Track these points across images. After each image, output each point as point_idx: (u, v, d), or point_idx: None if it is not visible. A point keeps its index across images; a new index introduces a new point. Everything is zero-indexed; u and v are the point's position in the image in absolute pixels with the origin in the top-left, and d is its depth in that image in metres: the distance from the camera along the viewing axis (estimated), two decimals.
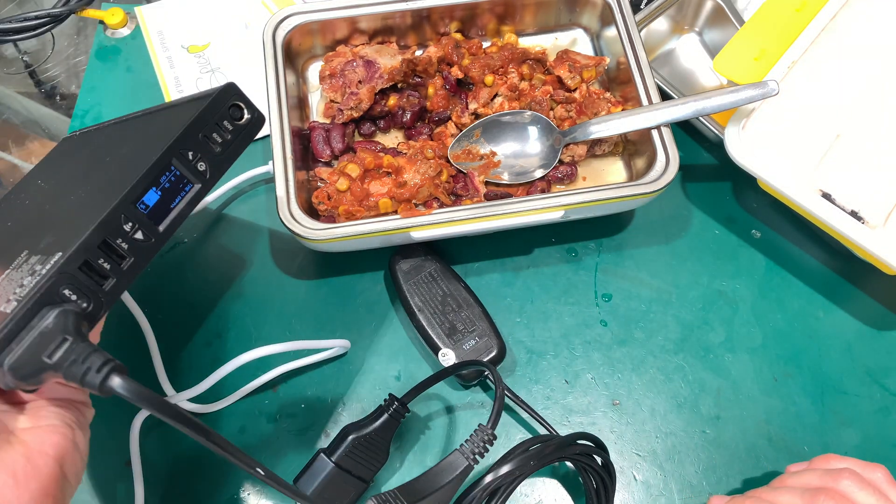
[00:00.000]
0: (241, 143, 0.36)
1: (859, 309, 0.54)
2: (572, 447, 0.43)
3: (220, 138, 0.35)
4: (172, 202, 0.33)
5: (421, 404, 0.50)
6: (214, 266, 0.54)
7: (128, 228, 0.31)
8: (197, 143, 0.34)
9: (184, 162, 0.33)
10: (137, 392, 0.28)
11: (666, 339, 0.53)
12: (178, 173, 0.33)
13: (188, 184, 0.34)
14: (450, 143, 0.54)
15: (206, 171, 0.34)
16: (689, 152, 0.60)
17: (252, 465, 0.30)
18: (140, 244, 0.32)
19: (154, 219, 0.32)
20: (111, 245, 0.31)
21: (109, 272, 0.31)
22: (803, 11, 0.54)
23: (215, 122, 0.35)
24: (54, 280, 0.29)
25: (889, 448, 0.50)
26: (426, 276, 0.51)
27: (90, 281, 0.30)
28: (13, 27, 0.61)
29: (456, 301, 0.50)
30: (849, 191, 0.49)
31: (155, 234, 0.32)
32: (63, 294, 0.29)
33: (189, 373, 0.50)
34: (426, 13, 0.56)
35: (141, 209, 0.32)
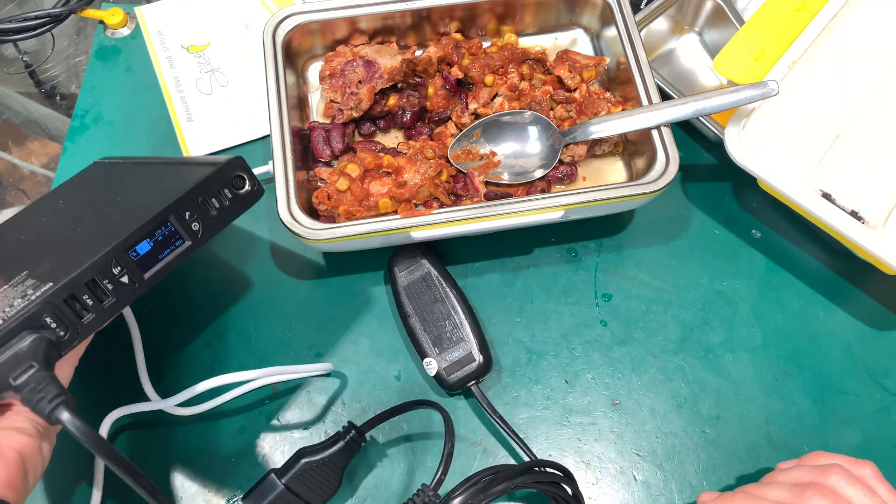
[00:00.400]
0: (236, 210, 0.39)
1: (859, 309, 0.54)
2: (528, 476, 0.42)
3: (217, 203, 0.38)
4: (161, 254, 0.36)
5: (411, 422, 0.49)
6: (215, 266, 0.54)
7: (116, 272, 0.34)
8: (195, 206, 0.37)
9: (180, 220, 0.36)
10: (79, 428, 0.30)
11: (666, 339, 0.53)
12: (172, 229, 0.36)
13: (179, 239, 0.36)
14: (450, 143, 0.54)
15: (198, 230, 0.37)
16: (689, 152, 0.60)
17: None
18: (124, 287, 0.34)
19: (142, 266, 0.35)
20: (98, 284, 0.34)
21: (91, 308, 0.33)
22: (803, 11, 0.54)
23: (217, 189, 0.38)
24: (39, 308, 0.32)
25: (889, 448, 0.50)
26: (420, 279, 0.51)
27: (72, 313, 0.33)
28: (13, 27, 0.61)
29: (447, 308, 0.50)
30: (849, 191, 0.49)
31: (139, 280, 0.35)
32: (44, 321, 0.32)
33: (189, 373, 0.50)
34: (426, 13, 0.56)
35: (132, 256, 0.35)
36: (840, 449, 0.49)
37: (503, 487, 0.41)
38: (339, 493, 0.45)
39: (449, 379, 0.48)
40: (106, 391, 0.49)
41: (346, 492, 0.47)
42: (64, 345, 0.33)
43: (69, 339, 0.33)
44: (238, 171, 0.39)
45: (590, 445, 0.49)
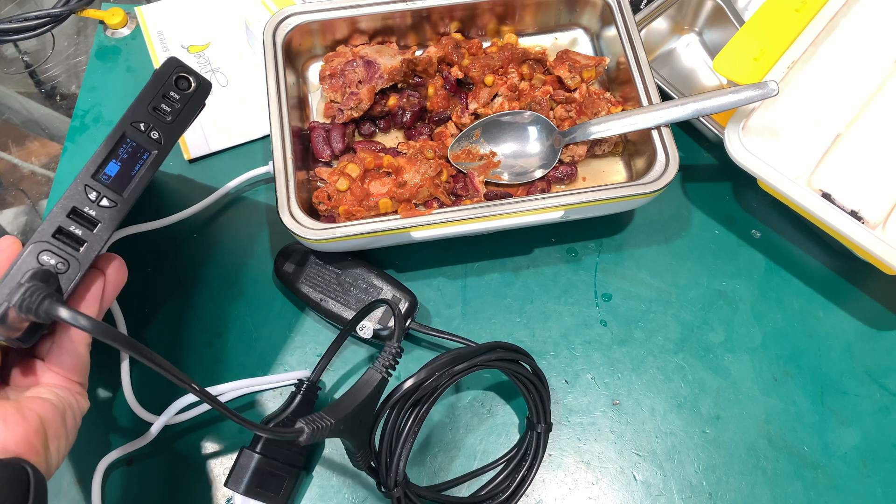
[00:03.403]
0: (191, 109, 0.40)
1: (859, 309, 0.54)
2: (487, 355, 0.45)
3: (168, 108, 0.39)
4: (133, 170, 0.37)
5: (343, 377, 0.51)
6: (215, 266, 0.54)
7: (93, 197, 0.36)
8: (147, 115, 0.38)
9: (137, 133, 0.38)
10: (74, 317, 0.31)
11: (666, 339, 0.53)
12: (133, 144, 0.38)
13: (145, 152, 0.38)
14: (450, 143, 0.54)
15: (159, 138, 0.38)
16: (689, 152, 0.60)
17: (187, 382, 0.33)
18: (107, 209, 0.36)
19: (118, 186, 0.37)
20: (80, 212, 0.36)
21: (82, 237, 0.35)
22: (803, 11, 0.54)
23: (162, 95, 0.39)
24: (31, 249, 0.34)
25: (889, 448, 0.50)
26: (313, 265, 0.51)
27: (65, 246, 0.35)
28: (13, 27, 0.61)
29: (351, 277, 0.51)
30: (849, 191, 0.49)
31: (119, 200, 0.37)
32: (41, 260, 0.34)
33: (189, 373, 0.50)
34: (426, 13, 0.56)
35: (104, 179, 0.36)
36: (840, 449, 0.50)
37: (465, 366, 0.44)
38: (321, 447, 0.47)
39: (386, 331, 0.49)
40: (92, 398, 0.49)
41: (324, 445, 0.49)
42: (68, 277, 0.35)
43: (72, 271, 0.35)
44: (177, 71, 0.40)
45: (590, 445, 0.49)
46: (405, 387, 0.42)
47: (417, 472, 0.48)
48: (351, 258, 0.51)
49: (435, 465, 0.48)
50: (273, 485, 0.45)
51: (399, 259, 0.55)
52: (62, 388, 0.37)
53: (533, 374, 0.47)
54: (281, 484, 0.45)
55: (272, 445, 0.45)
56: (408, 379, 0.42)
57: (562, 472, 0.49)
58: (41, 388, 0.36)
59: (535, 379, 0.47)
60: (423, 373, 0.43)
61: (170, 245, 0.54)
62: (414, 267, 0.55)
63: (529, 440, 0.47)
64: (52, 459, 0.35)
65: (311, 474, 0.48)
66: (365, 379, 0.42)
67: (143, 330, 0.51)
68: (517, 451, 0.48)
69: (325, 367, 0.48)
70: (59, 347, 0.36)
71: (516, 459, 0.47)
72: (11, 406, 0.33)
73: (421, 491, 0.44)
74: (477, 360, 0.44)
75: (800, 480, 0.49)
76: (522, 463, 0.47)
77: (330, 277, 0.51)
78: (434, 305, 0.53)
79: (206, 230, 0.55)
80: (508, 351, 0.46)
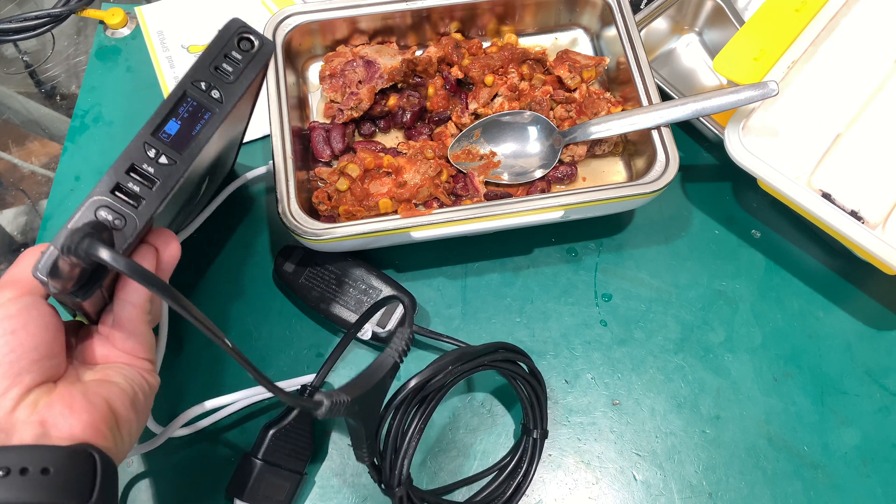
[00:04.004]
0: (252, 69, 0.40)
1: (859, 309, 0.54)
2: (493, 355, 0.44)
3: (230, 67, 0.39)
4: (194, 129, 0.37)
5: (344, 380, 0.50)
6: (215, 266, 0.54)
7: (152, 155, 0.36)
8: (209, 75, 0.38)
9: (198, 93, 0.38)
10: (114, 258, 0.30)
11: (666, 339, 0.53)
12: (194, 103, 0.37)
13: (206, 111, 0.38)
14: (450, 143, 0.54)
15: (220, 98, 0.38)
16: (689, 152, 0.60)
17: (220, 337, 0.32)
18: (165, 167, 0.36)
19: (177, 145, 0.37)
20: (138, 170, 0.35)
21: (140, 194, 0.35)
22: (803, 11, 0.54)
23: (224, 55, 0.39)
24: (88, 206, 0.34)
25: (889, 448, 0.50)
26: (312, 265, 0.51)
27: (123, 202, 0.35)
28: (13, 27, 0.61)
29: (350, 278, 0.51)
30: (849, 191, 0.49)
31: (179, 158, 0.36)
32: (98, 215, 0.34)
33: (189, 372, 0.50)
34: (426, 13, 0.56)
35: (163, 137, 0.36)
36: (840, 449, 0.50)
37: (471, 365, 0.44)
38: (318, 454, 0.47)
39: (385, 331, 0.49)
40: None
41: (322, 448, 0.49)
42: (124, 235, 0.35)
43: (128, 228, 0.35)
44: (240, 32, 0.40)
45: (590, 445, 0.49)
46: (411, 385, 0.42)
47: (416, 472, 0.48)
48: (350, 259, 0.51)
49: (435, 465, 0.48)
50: (275, 491, 0.45)
51: (399, 259, 0.55)
52: (130, 366, 0.36)
53: (530, 373, 0.47)
54: (283, 490, 0.45)
55: (275, 452, 0.45)
56: (413, 377, 0.42)
57: (562, 472, 0.49)
58: (110, 368, 0.36)
59: (533, 380, 0.47)
60: (429, 371, 0.42)
61: None
62: (414, 267, 0.55)
63: (525, 447, 0.47)
64: (123, 444, 0.35)
65: (314, 479, 0.48)
66: (379, 362, 0.42)
67: None
68: (511, 458, 0.47)
69: (328, 371, 0.48)
70: (119, 324, 0.36)
71: (511, 466, 0.47)
72: (78, 392, 0.33)
73: (423, 494, 0.44)
74: (483, 359, 0.44)
75: (800, 480, 0.49)
76: (518, 469, 0.47)
77: (329, 278, 0.51)
78: (434, 305, 0.53)
79: (205, 230, 0.55)
80: (510, 352, 0.46)
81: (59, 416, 0.32)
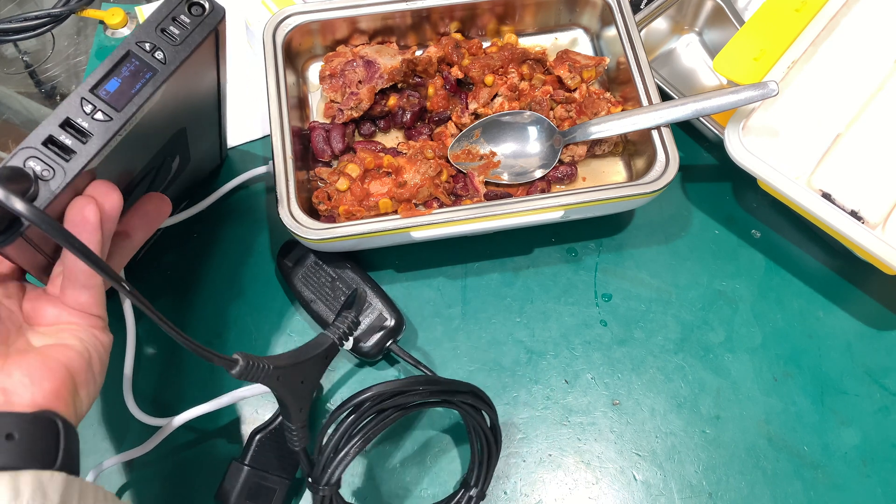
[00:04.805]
0: (199, 33, 0.40)
1: (859, 309, 0.54)
2: (463, 395, 0.43)
3: (177, 30, 0.39)
4: (133, 88, 0.37)
5: (328, 387, 0.50)
6: (215, 266, 0.54)
7: (88, 110, 0.36)
8: (155, 36, 0.38)
9: (142, 52, 0.38)
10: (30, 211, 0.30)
11: (666, 339, 0.53)
12: (137, 63, 0.38)
13: (148, 71, 0.38)
14: (450, 143, 0.54)
15: (164, 59, 0.38)
16: (689, 152, 0.60)
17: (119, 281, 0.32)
18: (101, 123, 0.36)
19: (115, 102, 0.37)
20: (72, 124, 0.36)
21: (72, 147, 0.35)
22: (803, 11, 0.54)
23: (172, 17, 0.39)
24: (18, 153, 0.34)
25: (889, 448, 0.50)
26: (312, 264, 0.51)
27: (54, 155, 0.35)
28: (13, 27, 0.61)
29: (345, 283, 0.50)
30: (849, 191, 0.49)
31: (115, 115, 0.37)
32: (27, 165, 0.34)
33: (189, 372, 0.50)
34: (426, 13, 0.56)
35: (102, 94, 0.37)
36: (840, 449, 0.50)
37: (440, 398, 0.43)
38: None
39: (366, 345, 0.49)
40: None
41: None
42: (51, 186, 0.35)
43: (56, 180, 0.35)
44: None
45: (590, 445, 0.49)
46: (374, 391, 0.41)
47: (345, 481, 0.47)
48: (350, 266, 0.51)
49: (365, 484, 0.47)
50: (263, 497, 0.45)
51: (399, 259, 0.55)
52: (82, 326, 0.36)
53: (491, 428, 0.45)
54: (271, 496, 0.45)
55: (262, 458, 0.45)
56: (379, 384, 0.41)
57: (562, 472, 0.49)
58: (63, 331, 0.36)
59: (491, 436, 0.45)
60: (398, 384, 0.42)
61: (170, 245, 0.54)
62: (414, 267, 0.55)
63: (458, 501, 0.46)
64: (82, 406, 0.35)
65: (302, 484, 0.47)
66: (316, 341, 0.41)
67: (143, 329, 0.51)
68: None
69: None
70: (70, 277, 0.36)
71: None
72: (37, 360, 0.33)
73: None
74: (454, 397, 0.43)
75: (800, 480, 0.49)
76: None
77: (325, 280, 0.51)
78: (434, 305, 0.53)
79: (205, 230, 0.55)
80: (479, 399, 0.45)
81: (20, 384, 0.32)
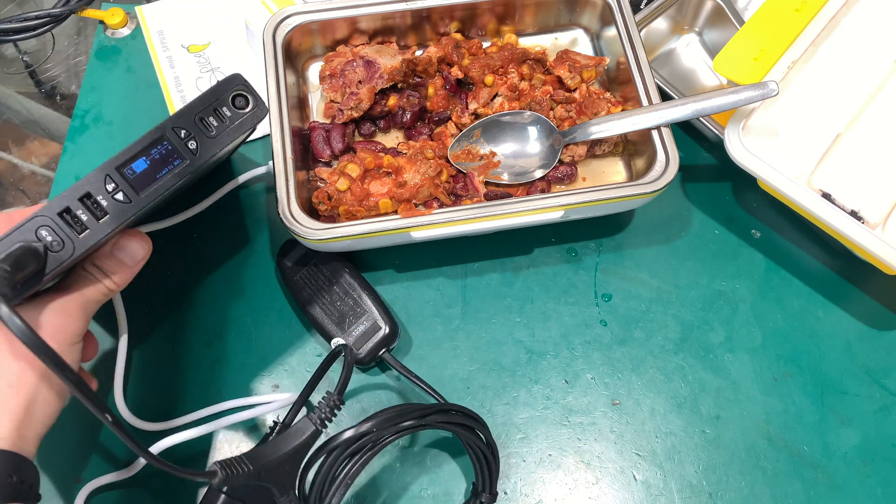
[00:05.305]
0: (237, 130, 0.39)
1: (859, 309, 0.54)
2: (439, 415, 0.43)
3: (216, 122, 0.38)
4: (159, 173, 0.37)
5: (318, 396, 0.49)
6: (215, 265, 0.54)
7: (110, 188, 0.36)
8: (192, 124, 0.38)
9: (176, 138, 0.37)
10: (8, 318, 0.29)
11: (666, 339, 0.53)
12: (168, 147, 0.37)
13: (177, 158, 0.37)
14: (450, 143, 0.54)
15: (196, 149, 0.38)
16: (689, 152, 0.60)
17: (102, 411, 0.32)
18: (120, 204, 0.36)
19: (138, 185, 0.36)
20: (93, 198, 0.35)
21: (86, 224, 0.35)
22: (803, 11, 0.54)
23: (213, 108, 0.38)
24: (32, 220, 0.34)
25: (889, 448, 0.50)
26: (311, 266, 0.51)
27: (67, 227, 0.35)
28: (13, 27, 0.61)
29: (342, 288, 0.50)
30: (849, 191, 0.49)
31: (134, 198, 0.36)
32: (39, 234, 0.34)
33: (189, 372, 0.50)
34: (426, 13, 0.56)
35: (128, 174, 0.36)
36: (840, 449, 0.50)
37: (411, 424, 0.42)
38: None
39: (360, 352, 0.49)
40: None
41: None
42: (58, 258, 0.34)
43: (64, 253, 0.34)
44: (237, 88, 0.39)
45: (590, 445, 0.49)
46: (344, 437, 0.40)
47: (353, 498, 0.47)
48: (349, 270, 0.51)
49: (366, 486, 0.47)
50: None
51: (399, 259, 0.55)
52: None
53: (486, 444, 0.45)
54: None
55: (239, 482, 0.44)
56: (349, 429, 0.41)
57: (562, 472, 0.49)
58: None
59: (488, 451, 0.45)
60: (366, 425, 0.41)
61: (170, 245, 0.54)
62: (414, 267, 0.55)
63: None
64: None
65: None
66: (297, 427, 0.41)
67: (143, 330, 0.51)
68: None
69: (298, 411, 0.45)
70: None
71: None
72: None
73: None
74: (425, 420, 0.43)
75: (800, 480, 0.49)
76: None
77: (323, 282, 0.51)
78: (434, 305, 0.53)
79: (205, 230, 0.55)
80: (465, 416, 0.45)
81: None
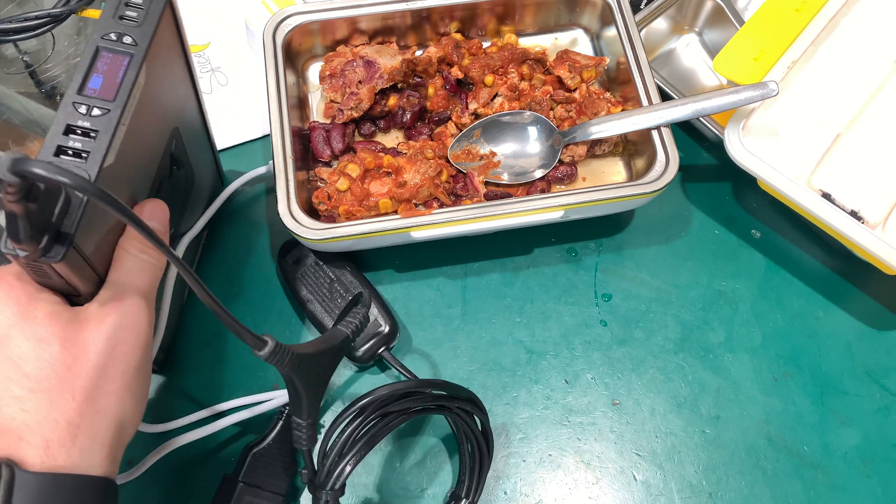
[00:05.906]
0: (155, 7, 0.40)
1: (859, 309, 0.54)
2: (465, 403, 0.43)
3: (134, 13, 0.40)
4: (118, 77, 0.38)
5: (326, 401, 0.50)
6: (215, 265, 0.54)
7: (83, 111, 0.36)
8: (115, 25, 0.39)
9: (110, 44, 0.38)
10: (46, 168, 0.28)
11: (666, 339, 0.53)
12: (110, 55, 0.38)
13: (124, 58, 0.38)
14: (450, 143, 0.54)
15: (133, 41, 0.39)
16: (689, 152, 0.60)
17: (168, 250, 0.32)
18: (101, 117, 0.36)
19: (106, 94, 0.37)
20: (76, 127, 0.36)
21: (83, 149, 0.35)
22: (803, 11, 0.54)
23: (124, 3, 0.40)
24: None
25: (889, 448, 0.50)
26: (312, 263, 0.51)
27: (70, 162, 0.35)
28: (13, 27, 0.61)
29: (343, 286, 0.50)
30: (849, 191, 0.49)
31: (111, 105, 0.37)
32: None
33: (189, 373, 0.50)
34: (426, 13, 0.56)
35: (90, 93, 0.37)
36: (840, 449, 0.50)
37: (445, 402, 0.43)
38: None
39: (359, 351, 0.49)
40: None
41: None
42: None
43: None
44: None
45: (590, 445, 0.49)
46: (382, 392, 0.41)
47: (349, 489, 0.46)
48: (350, 269, 0.51)
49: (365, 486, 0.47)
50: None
51: (399, 259, 0.55)
52: None
53: (482, 431, 0.45)
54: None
55: (255, 473, 0.44)
56: (385, 386, 0.41)
57: (562, 472, 0.49)
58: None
59: (482, 439, 0.45)
60: (405, 385, 0.42)
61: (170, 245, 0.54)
62: (414, 267, 0.55)
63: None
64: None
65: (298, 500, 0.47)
66: (330, 333, 0.41)
67: None
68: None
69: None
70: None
71: None
72: None
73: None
74: (453, 402, 0.43)
75: (800, 480, 0.49)
76: None
77: (323, 281, 0.50)
78: (434, 305, 0.53)
79: (205, 230, 0.55)
80: (476, 407, 0.45)
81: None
